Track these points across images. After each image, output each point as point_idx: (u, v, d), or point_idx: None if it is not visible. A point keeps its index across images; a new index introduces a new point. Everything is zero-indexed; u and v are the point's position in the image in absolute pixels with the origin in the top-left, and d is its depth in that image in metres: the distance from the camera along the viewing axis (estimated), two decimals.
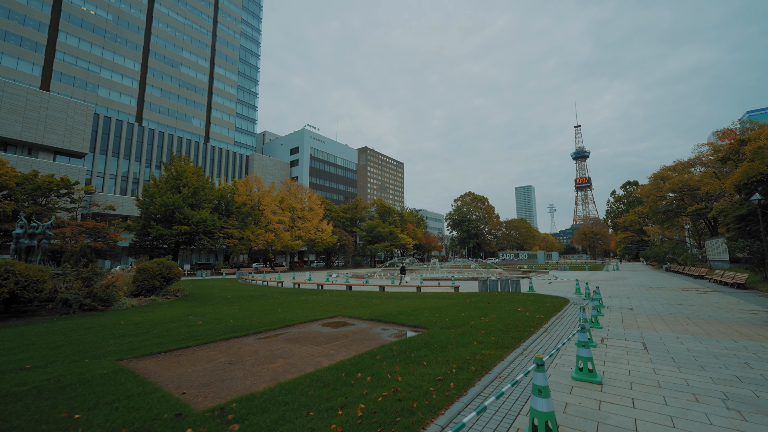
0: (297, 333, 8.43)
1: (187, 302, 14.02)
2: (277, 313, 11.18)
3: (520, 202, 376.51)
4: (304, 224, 56.26)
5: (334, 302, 14.23)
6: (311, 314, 10.91)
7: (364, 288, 20.95)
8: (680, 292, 17.78)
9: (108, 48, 66.70)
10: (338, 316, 10.66)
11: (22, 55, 55.38)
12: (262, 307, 12.94)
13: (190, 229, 41.35)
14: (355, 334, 8.26)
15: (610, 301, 14.57)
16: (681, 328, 8.93)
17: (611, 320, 10.11)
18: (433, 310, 11.64)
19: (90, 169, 59.46)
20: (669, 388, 4.80)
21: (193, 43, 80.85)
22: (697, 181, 39.05)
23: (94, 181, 59.19)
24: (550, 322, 9.67)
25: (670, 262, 41.39)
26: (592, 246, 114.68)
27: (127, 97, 69.31)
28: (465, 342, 7.06)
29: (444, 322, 9.27)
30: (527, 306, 12.41)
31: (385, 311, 11.33)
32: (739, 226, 27.20)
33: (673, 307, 12.80)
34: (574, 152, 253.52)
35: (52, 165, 49.73)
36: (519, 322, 9.34)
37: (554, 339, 7.71)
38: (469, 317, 10.06)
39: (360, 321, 9.97)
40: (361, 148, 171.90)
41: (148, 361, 6.03)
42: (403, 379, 4.86)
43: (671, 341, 7.56)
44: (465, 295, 16.13)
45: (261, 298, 15.82)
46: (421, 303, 13.59)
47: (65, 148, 53.91)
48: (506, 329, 8.37)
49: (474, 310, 11.56)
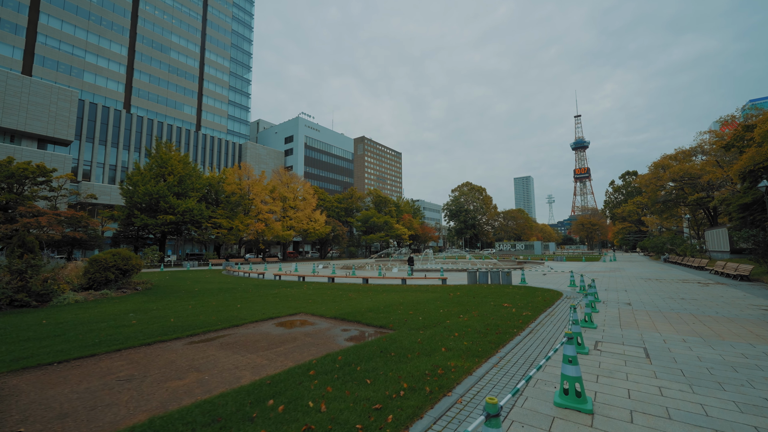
0: (240, 335, 7.22)
1: (144, 296, 12.82)
2: (233, 310, 9.98)
3: (519, 193, 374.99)
4: (296, 214, 54.90)
5: (306, 296, 13.04)
6: (271, 311, 9.70)
7: (347, 280, 19.77)
8: (681, 284, 16.66)
9: (93, 31, 64.10)
10: (301, 314, 9.45)
11: (1, 38, 53.05)
12: (222, 302, 11.73)
13: (175, 219, 39.97)
14: (307, 336, 7.05)
15: (607, 294, 13.43)
16: (687, 328, 7.76)
17: (607, 318, 8.94)
18: (410, 306, 10.46)
19: (76, 157, 57.59)
20: (682, 420, 3.61)
21: (183, 27, 78.05)
22: (698, 170, 37.78)
23: (80, 169, 57.42)
24: (538, 320, 8.48)
25: (669, 253, 40.37)
26: (589, 237, 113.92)
27: (114, 83, 66.96)
28: (431, 349, 5.85)
29: (416, 322, 8.08)
30: (515, 301, 11.24)
31: (355, 307, 10.14)
32: (743, 215, 26.03)
33: (675, 301, 11.65)
34: (573, 142, 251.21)
35: (36, 153, 48.00)
36: (502, 321, 8.15)
37: (540, 343, 6.53)
38: (447, 315, 8.88)
39: (322, 320, 8.77)
40: (358, 138, 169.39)
41: (28, 376, 4.82)
42: (327, 408, 3.64)
43: (677, 346, 6.38)
44: (451, 288, 14.96)
45: (229, 292, 14.62)
46: (400, 297, 12.42)
47: (49, 135, 51.94)
48: (485, 331, 7.18)
49: (455, 305, 10.39)
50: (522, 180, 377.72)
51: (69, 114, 53.84)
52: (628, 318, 8.95)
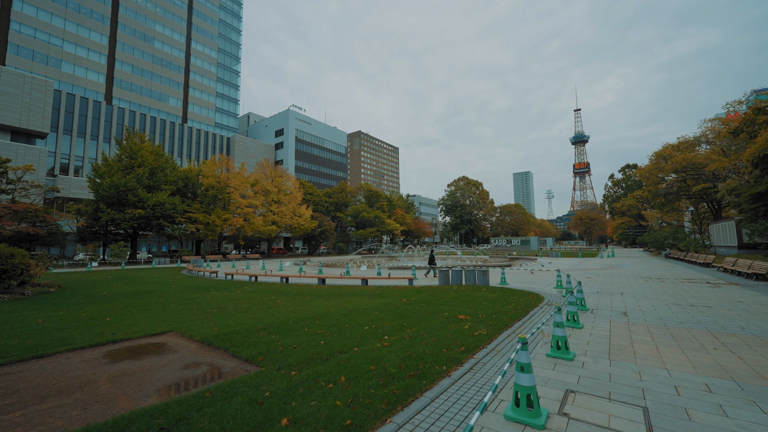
0: (17, 377, 4.74)
1: (20, 304, 10.32)
2: (91, 326, 7.45)
3: (518, 189, 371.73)
4: (280, 208, 52.30)
5: (222, 304, 10.55)
6: (137, 329, 7.18)
7: (303, 280, 17.23)
8: (687, 284, 14.16)
9: (71, 19, 61.13)
10: (171, 333, 6.93)
11: None
12: (101, 312, 9.19)
13: (145, 213, 37.46)
14: (111, 382, 4.52)
15: (598, 299, 10.93)
16: (707, 359, 5.26)
17: (593, 339, 6.44)
18: (336, 318, 7.98)
19: (53, 150, 54.94)
20: None
21: (167, 16, 75.01)
22: (703, 159, 35.17)
23: (57, 163, 54.82)
24: (493, 344, 5.98)
25: (670, 248, 37.89)
26: (588, 232, 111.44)
27: (95, 74, 64.10)
28: (266, 419, 3.38)
29: (306, 351, 5.57)
30: (479, 310, 8.75)
31: (258, 322, 7.65)
32: (755, 206, 23.48)
33: (683, 309, 9.15)
34: (573, 137, 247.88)
35: (8, 145, 45.47)
36: (438, 347, 5.66)
37: (478, 393, 4.05)
38: (368, 336, 6.39)
39: (188, 343, 6.26)
40: (354, 133, 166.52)
41: None
42: None
43: (701, 402, 3.87)
44: (412, 292, 12.46)
45: (142, 296, 12.10)
46: (337, 305, 9.92)
47: (22, 127, 49.29)
48: (398, 369, 4.68)
49: (394, 318, 7.89)
50: (521, 175, 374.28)
51: (44, 105, 51.22)
52: (622, 338, 6.44)
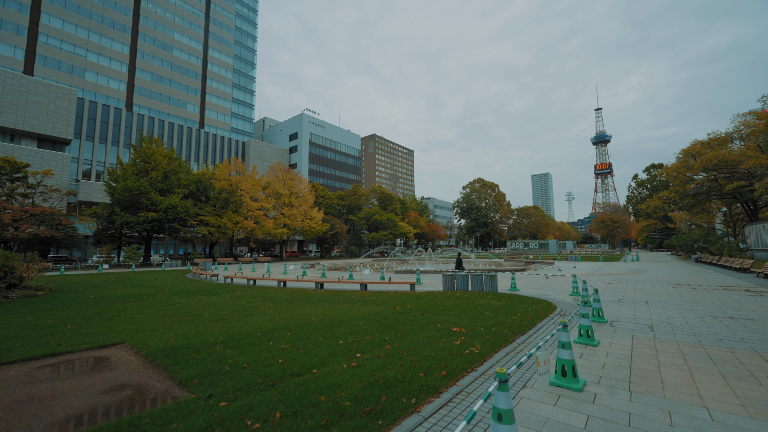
0: None
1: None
2: (46, 335, 6.93)
3: (536, 191, 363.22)
4: (291, 211, 52.21)
5: (202, 310, 9.90)
6: (86, 340, 6.51)
7: (301, 285, 16.53)
8: (723, 292, 12.62)
9: (94, 30, 63.57)
10: (120, 345, 6.23)
11: (2, 38, 52.79)
12: (64, 319, 8.66)
13: (158, 216, 37.90)
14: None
15: (619, 309, 9.68)
16: (758, 393, 4.12)
17: (610, 360, 5.36)
18: (316, 328, 7.14)
19: (77, 156, 56.93)
20: None
21: (185, 25, 77.04)
22: (737, 156, 32.61)
23: (80, 168, 56.74)
24: (484, 367, 4.99)
25: (701, 252, 35.30)
26: (610, 235, 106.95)
27: (116, 82, 66.36)
28: None
29: (256, 374, 4.72)
30: (479, 320, 7.74)
31: (218, 333, 6.90)
32: None
33: (721, 323, 7.85)
34: (594, 137, 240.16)
35: (34, 152, 47.41)
36: (415, 370, 4.71)
37: None
38: (341, 351, 5.51)
39: (131, 357, 5.53)
40: (369, 136, 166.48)
41: None
42: None
43: None
44: (409, 299, 11.50)
45: (129, 300, 11.63)
46: (320, 313, 9.09)
47: (48, 134, 51.26)
48: (357, 399, 3.77)
49: (379, 330, 6.99)
50: (540, 177, 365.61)
51: (68, 113, 53.14)
52: (647, 361, 5.32)
